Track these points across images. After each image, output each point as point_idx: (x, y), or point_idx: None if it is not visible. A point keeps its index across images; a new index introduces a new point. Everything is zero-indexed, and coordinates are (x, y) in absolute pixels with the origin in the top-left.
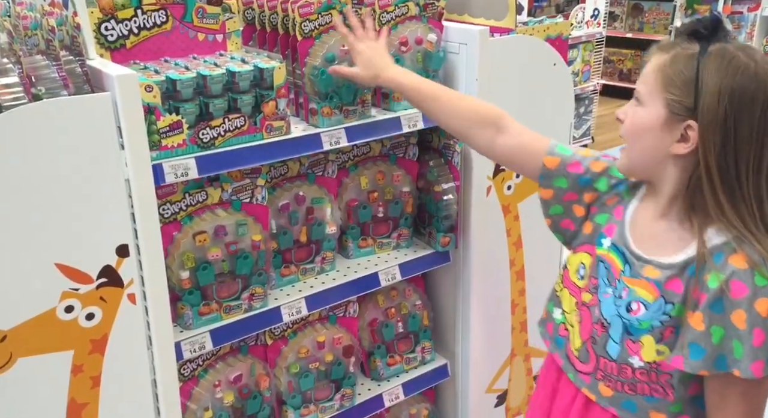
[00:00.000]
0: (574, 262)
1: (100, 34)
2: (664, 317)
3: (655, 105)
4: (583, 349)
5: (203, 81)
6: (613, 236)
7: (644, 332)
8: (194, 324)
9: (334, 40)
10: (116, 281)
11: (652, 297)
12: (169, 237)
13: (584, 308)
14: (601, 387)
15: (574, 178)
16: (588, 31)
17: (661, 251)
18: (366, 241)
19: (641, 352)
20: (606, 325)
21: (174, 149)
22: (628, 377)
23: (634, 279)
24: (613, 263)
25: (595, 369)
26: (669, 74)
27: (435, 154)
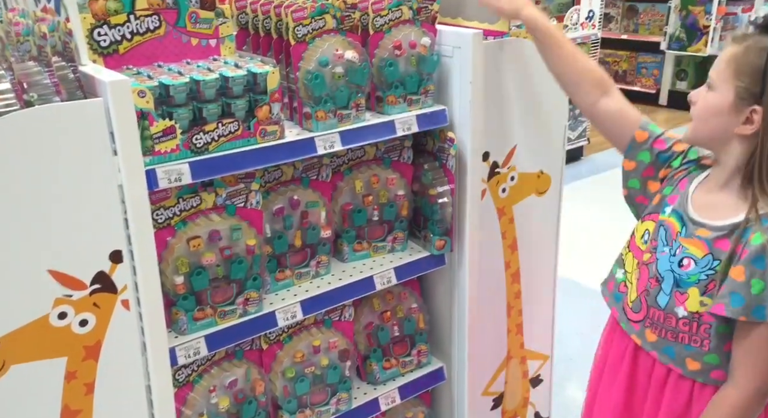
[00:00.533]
0: (641, 229)
1: (93, 39)
2: (710, 272)
3: (725, 91)
4: (638, 301)
5: (196, 86)
6: (674, 204)
7: (691, 285)
8: (189, 329)
9: (327, 44)
10: (110, 287)
11: (701, 254)
12: (163, 242)
13: (644, 266)
14: (647, 333)
15: (656, 153)
16: (583, 32)
17: (715, 215)
18: (361, 244)
19: (686, 302)
20: (660, 279)
21: (167, 154)
22: (672, 325)
23: (688, 239)
24: (672, 225)
25: (644, 317)
26: (741, 64)
27: (430, 157)
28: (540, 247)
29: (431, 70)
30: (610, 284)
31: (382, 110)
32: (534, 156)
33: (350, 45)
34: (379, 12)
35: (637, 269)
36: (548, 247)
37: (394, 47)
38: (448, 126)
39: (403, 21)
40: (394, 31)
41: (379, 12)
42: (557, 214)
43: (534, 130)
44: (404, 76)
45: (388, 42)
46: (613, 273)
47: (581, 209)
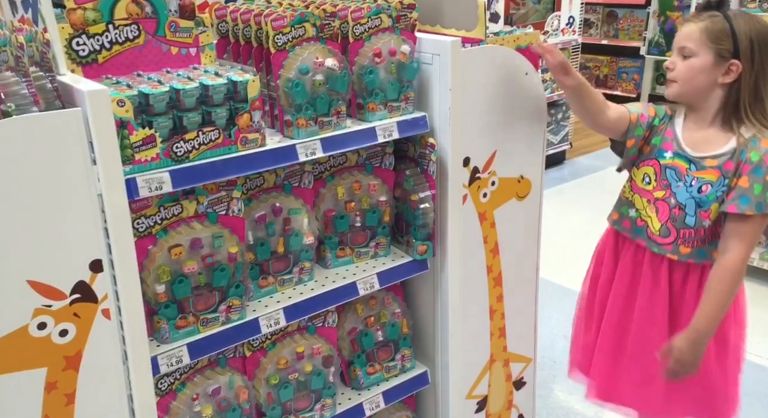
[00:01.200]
0: (639, 174)
1: (72, 49)
2: (724, 188)
3: (705, 54)
4: (663, 228)
5: (176, 95)
6: (672, 149)
7: (712, 202)
8: (171, 338)
9: (307, 52)
10: (90, 296)
11: (715, 178)
12: (144, 251)
13: (660, 201)
14: (681, 249)
15: (645, 124)
16: (564, 38)
17: (713, 147)
18: (344, 251)
19: (710, 216)
20: (682, 207)
21: (148, 163)
22: (701, 235)
23: (700, 171)
24: (679, 165)
25: (675, 239)
26: (713, 32)
27: (411, 163)
28: (522, 251)
29: (411, 77)
30: (625, 223)
31: (363, 117)
32: (514, 161)
33: (330, 53)
34: (359, 20)
35: (652, 205)
36: (530, 250)
37: (374, 55)
38: (429, 132)
39: (382, 29)
40: (373, 39)
41: (359, 20)
42: (538, 218)
43: (514, 136)
44: (384, 84)
45: (368, 50)
46: (624, 213)
47: (564, 213)
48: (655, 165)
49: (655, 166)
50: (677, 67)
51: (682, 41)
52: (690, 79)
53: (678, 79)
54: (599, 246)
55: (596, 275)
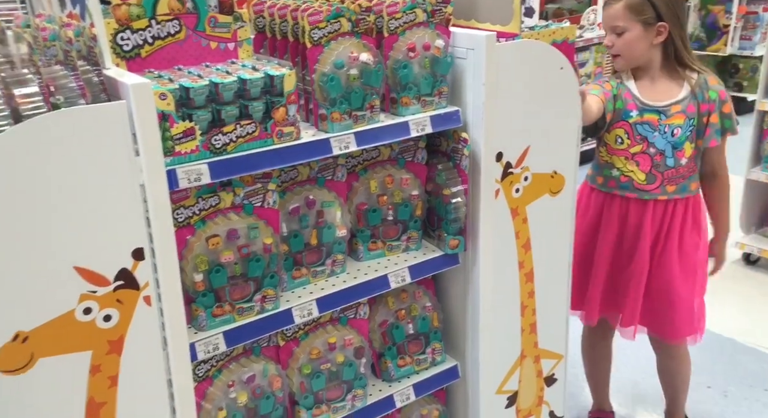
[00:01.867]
0: (611, 138)
1: (116, 44)
2: (691, 127)
3: (635, 27)
4: (649, 176)
5: (215, 88)
6: (636, 108)
7: (684, 143)
8: (208, 325)
9: (342, 46)
10: (132, 283)
11: (682, 121)
12: (183, 241)
13: (637, 155)
14: (668, 188)
15: (610, 98)
16: (600, 32)
17: (671, 94)
18: (376, 244)
19: (685, 154)
20: (662, 151)
21: (187, 155)
22: (681, 172)
23: (669, 119)
24: (651, 119)
25: (661, 181)
26: (634, 6)
27: (444, 157)
28: (554, 246)
29: (445, 71)
30: (610, 183)
31: (396, 111)
32: (548, 156)
33: (365, 47)
34: (394, 15)
35: (632, 160)
36: (562, 246)
37: (408, 49)
38: (462, 127)
39: (417, 23)
40: (408, 34)
41: (394, 15)
42: (571, 214)
43: (547, 131)
44: (418, 78)
45: (402, 44)
46: (607, 175)
47: None
48: (625, 125)
49: (624, 126)
50: (615, 44)
51: (611, 21)
52: (630, 50)
53: (620, 52)
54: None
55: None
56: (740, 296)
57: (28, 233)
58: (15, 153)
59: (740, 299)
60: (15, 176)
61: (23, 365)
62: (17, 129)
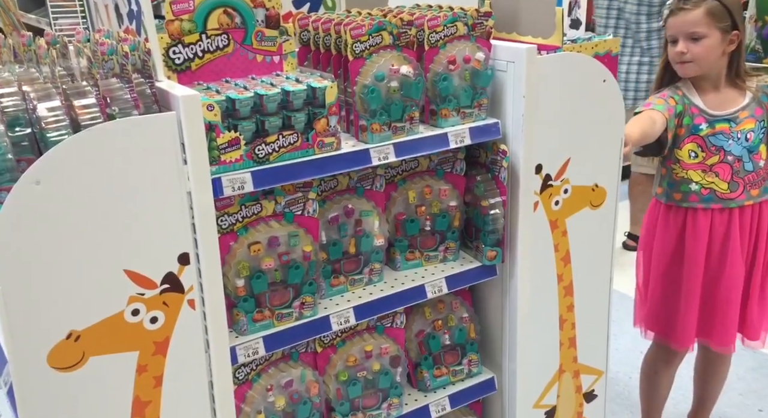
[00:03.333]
0: (683, 154)
1: (169, 57)
2: (763, 129)
3: (713, 35)
4: (731, 184)
5: (260, 100)
6: (705, 122)
7: (758, 145)
8: (248, 330)
9: (383, 59)
10: (178, 287)
11: (753, 124)
12: (226, 247)
13: (717, 165)
14: (751, 193)
15: (672, 115)
16: None
17: (736, 102)
18: (413, 253)
19: (762, 156)
20: (739, 158)
21: (232, 164)
22: (761, 175)
23: (739, 125)
24: (723, 128)
25: (744, 186)
26: (715, 13)
27: (482, 169)
28: (594, 260)
29: (485, 84)
30: (692, 198)
31: (435, 123)
32: (589, 169)
33: (406, 60)
34: (435, 28)
35: (709, 172)
36: (603, 261)
37: (449, 62)
38: (501, 139)
39: (458, 37)
40: (448, 47)
41: (435, 28)
42: (612, 227)
43: (588, 144)
44: (458, 90)
45: (442, 57)
46: (686, 191)
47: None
48: (696, 139)
49: (696, 140)
50: (691, 50)
51: (689, 27)
52: (707, 57)
53: (695, 59)
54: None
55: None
56: None
57: (82, 236)
58: (73, 161)
59: None
60: (72, 183)
61: (75, 362)
62: (75, 138)
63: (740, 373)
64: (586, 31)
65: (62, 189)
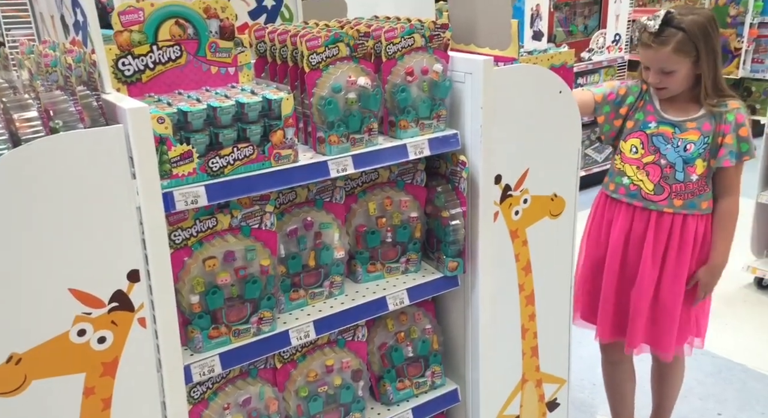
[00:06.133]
0: (626, 146)
1: (118, 69)
2: (705, 146)
3: (684, 65)
4: (657, 186)
5: (213, 112)
6: (655, 121)
7: (696, 159)
8: (204, 347)
9: (340, 71)
10: (127, 305)
11: (696, 137)
12: (180, 262)
13: (650, 165)
14: (675, 202)
15: (611, 102)
16: (609, 55)
17: (688, 112)
18: (375, 265)
19: (696, 170)
20: (672, 165)
21: (185, 178)
22: (690, 188)
23: (683, 133)
24: (666, 131)
25: (669, 194)
26: (683, 49)
27: (443, 180)
28: (555, 270)
29: (443, 95)
30: (620, 190)
31: (394, 134)
32: (547, 179)
33: (363, 72)
34: (392, 40)
35: (642, 169)
36: (563, 270)
37: (407, 74)
38: (460, 149)
39: (415, 48)
40: (406, 58)
41: (392, 40)
42: (572, 236)
43: (547, 154)
44: (416, 102)
45: (400, 68)
46: (618, 182)
47: None
48: (642, 136)
49: (641, 136)
50: (662, 80)
51: (660, 64)
52: (680, 84)
53: (668, 86)
54: (593, 211)
55: (592, 235)
56: (752, 321)
57: (24, 254)
58: (13, 176)
59: (752, 324)
60: (12, 198)
61: (16, 387)
62: (16, 152)
63: (699, 377)
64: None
65: (2, 205)
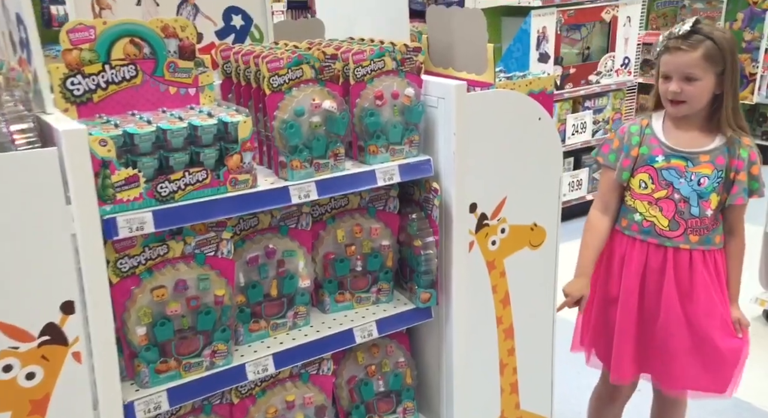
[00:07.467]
0: (635, 182)
1: (66, 88)
2: (719, 180)
3: (709, 77)
4: (672, 222)
5: (163, 135)
6: (663, 153)
7: (710, 193)
8: (151, 382)
9: (303, 94)
10: (60, 338)
11: (710, 171)
12: (127, 292)
13: (663, 200)
14: (691, 238)
15: (627, 167)
16: (618, 79)
17: (701, 143)
18: (344, 295)
19: (711, 205)
20: (686, 200)
21: (130, 203)
22: (706, 223)
23: (697, 166)
24: (678, 165)
25: (684, 230)
26: (712, 57)
27: (417, 207)
28: (535, 302)
29: (416, 120)
30: (633, 227)
31: (363, 160)
32: (527, 208)
33: (329, 95)
34: (361, 62)
35: (655, 205)
36: (545, 302)
37: (376, 97)
38: (433, 176)
39: (386, 71)
40: (376, 81)
41: (361, 62)
42: (554, 268)
43: (526, 182)
44: (387, 126)
45: (369, 92)
46: (630, 219)
47: None
48: (650, 170)
49: (649, 171)
50: (684, 90)
51: (686, 68)
52: (700, 98)
53: (689, 99)
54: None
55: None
56: (759, 357)
57: None
58: None
59: (759, 361)
60: None
61: None
62: None
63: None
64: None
65: None
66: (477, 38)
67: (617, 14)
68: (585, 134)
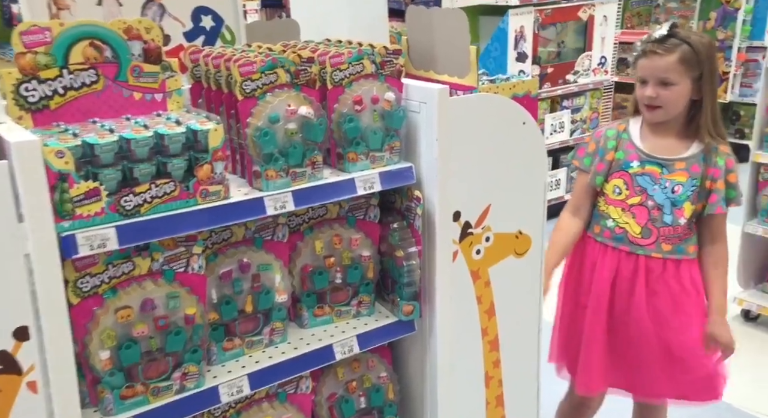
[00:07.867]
0: (609, 187)
1: (19, 95)
2: (693, 188)
3: (685, 81)
4: (644, 230)
5: (127, 145)
6: (638, 159)
7: (684, 201)
8: (116, 409)
9: (278, 99)
10: (13, 367)
11: (684, 179)
12: (89, 313)
13: (636, 207)
14: (663, 246)
15: (601, 171)
16: (595, 78)
17: (676, 151)
18: (323, 309)
19: (684, 213)
20: (660, 207)
21: (90, 218)
22: (678, 232)
23: (671, 174)
24: (652, 171)
25: (657, 238)
26: (688, 61)
27: (398, 216)
28: (521, 312)
29: (397, 125)
30: (605, 233)
31: (342, 167)
32: (512, 215)
33: (305, 100)
34: (338, 66)
35: (628, 211)
36: (531, 312)
37: (354, 102)
38: (415, 184)
39: (365, 75)
40: (355, 86)
41: (338, 66)
42: (539, 277)
43: (510, 189)
44: (366, 132)
45: (348, 97)
46: (603, 225)
47: None
48: (624, 176)
49: (624, 177)
50: (660, 95)
51: (661, 73)
52: (676, 104)
53: (664, 105)
54: (572, 253)
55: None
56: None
57: None
58: None
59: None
60: None
61: None
62: None
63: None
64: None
65: None
66: (459, 40)
67: (594, 13)
68: (563, 134)
